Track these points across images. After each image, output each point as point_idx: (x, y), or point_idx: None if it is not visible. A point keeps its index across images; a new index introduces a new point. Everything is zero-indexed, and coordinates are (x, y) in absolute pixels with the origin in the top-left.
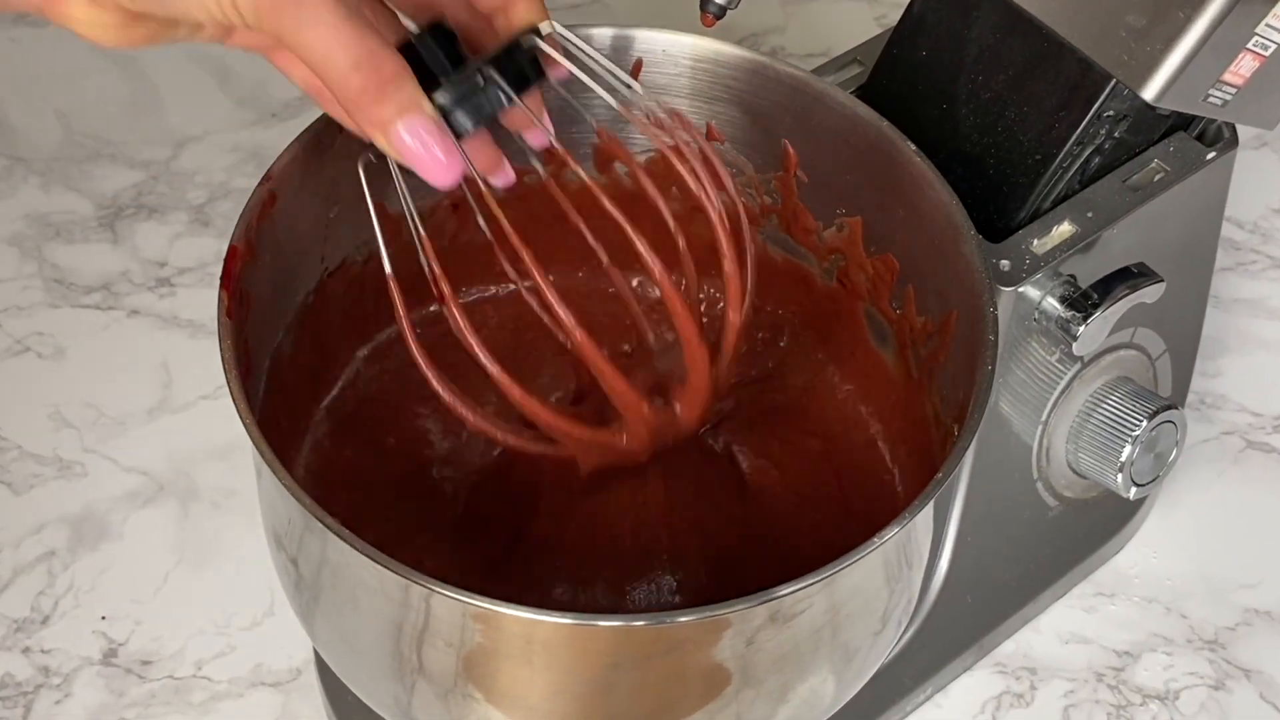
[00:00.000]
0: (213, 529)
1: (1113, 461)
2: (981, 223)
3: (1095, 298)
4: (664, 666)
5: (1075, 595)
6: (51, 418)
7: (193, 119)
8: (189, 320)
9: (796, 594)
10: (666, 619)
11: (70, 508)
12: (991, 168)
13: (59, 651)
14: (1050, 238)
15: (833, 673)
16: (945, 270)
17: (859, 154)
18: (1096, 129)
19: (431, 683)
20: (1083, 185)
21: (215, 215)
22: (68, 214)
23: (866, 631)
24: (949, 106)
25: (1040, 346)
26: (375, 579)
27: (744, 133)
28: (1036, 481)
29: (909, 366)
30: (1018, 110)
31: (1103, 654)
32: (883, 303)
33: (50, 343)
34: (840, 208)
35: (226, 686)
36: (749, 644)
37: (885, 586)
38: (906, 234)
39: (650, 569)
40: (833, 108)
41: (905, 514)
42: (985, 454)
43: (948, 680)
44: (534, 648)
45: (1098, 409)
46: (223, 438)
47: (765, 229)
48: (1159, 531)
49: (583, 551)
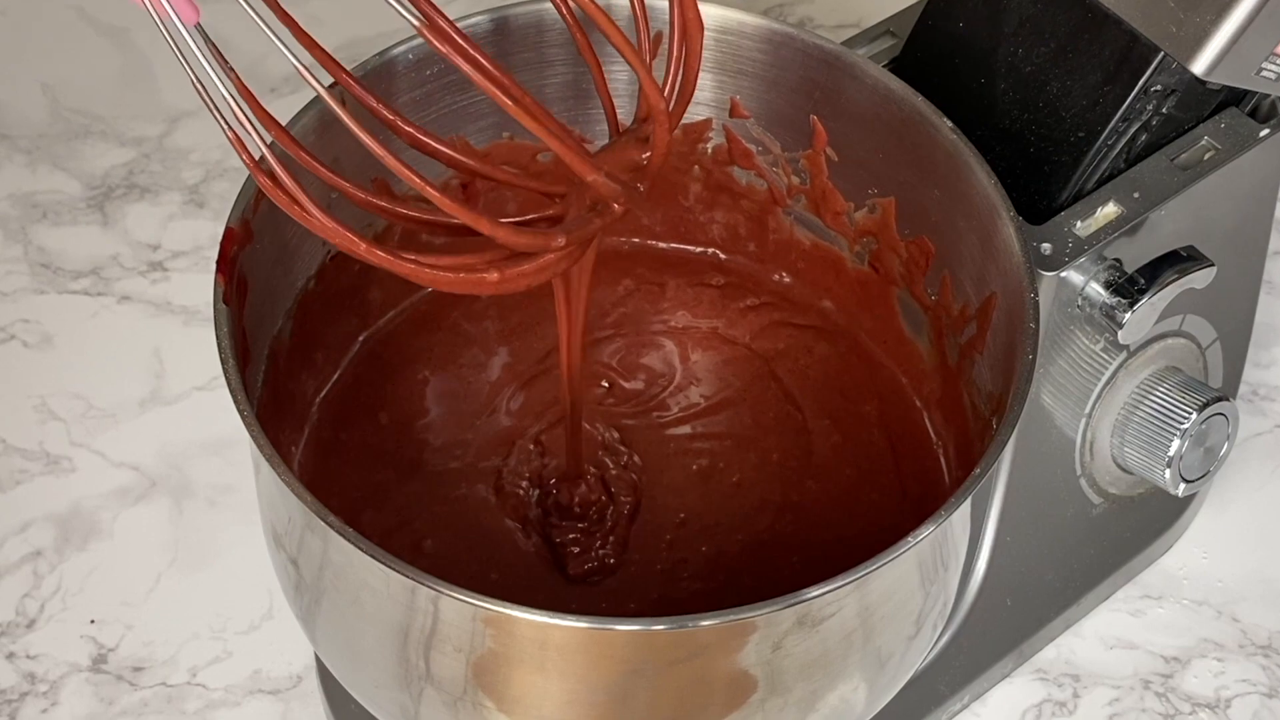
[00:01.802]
0: (208, 527)
1: (1160, 456)
2: (1021, 203)
3: (1142, 283)
4: (686, 673)
5: (1121, 598)
6: (37, 410)
7: (187, 93)
8: (183, 307)
9: (825, 596)
10: (689, 623)
11: (57, 505)
12: (1032, 145)
13: (45, 657)
14: (1094, 219)
15: (864, 680)
16: (983, 254)
17: (892, 131)
18: (1143, 104)
19: (440, 690)
20: (1128, 164)
21: (211, 195)
22: (55, 194)
23: (900, 636)
24: (987, 81)
25: (1084, 335)
26: (380, 580)
27: (770, 109)
28: (1080, 478)
29: (945, 356)
30: (1060, 84)
31: (1150, 660)
32: (917, 288)
33: (36, 330)
34: (872, 188)
35: (223, 694)
36: (775, 649)
37: (920, 588)
38: (942, 215)
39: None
40: (864, 82)
41: (941, 511)
42: (1025, 449)
43: (985, 688)
44: (548, 653)
45: (1144, 401)
46: (218, 431)
47: (793, 210)
48: (1209, 530)
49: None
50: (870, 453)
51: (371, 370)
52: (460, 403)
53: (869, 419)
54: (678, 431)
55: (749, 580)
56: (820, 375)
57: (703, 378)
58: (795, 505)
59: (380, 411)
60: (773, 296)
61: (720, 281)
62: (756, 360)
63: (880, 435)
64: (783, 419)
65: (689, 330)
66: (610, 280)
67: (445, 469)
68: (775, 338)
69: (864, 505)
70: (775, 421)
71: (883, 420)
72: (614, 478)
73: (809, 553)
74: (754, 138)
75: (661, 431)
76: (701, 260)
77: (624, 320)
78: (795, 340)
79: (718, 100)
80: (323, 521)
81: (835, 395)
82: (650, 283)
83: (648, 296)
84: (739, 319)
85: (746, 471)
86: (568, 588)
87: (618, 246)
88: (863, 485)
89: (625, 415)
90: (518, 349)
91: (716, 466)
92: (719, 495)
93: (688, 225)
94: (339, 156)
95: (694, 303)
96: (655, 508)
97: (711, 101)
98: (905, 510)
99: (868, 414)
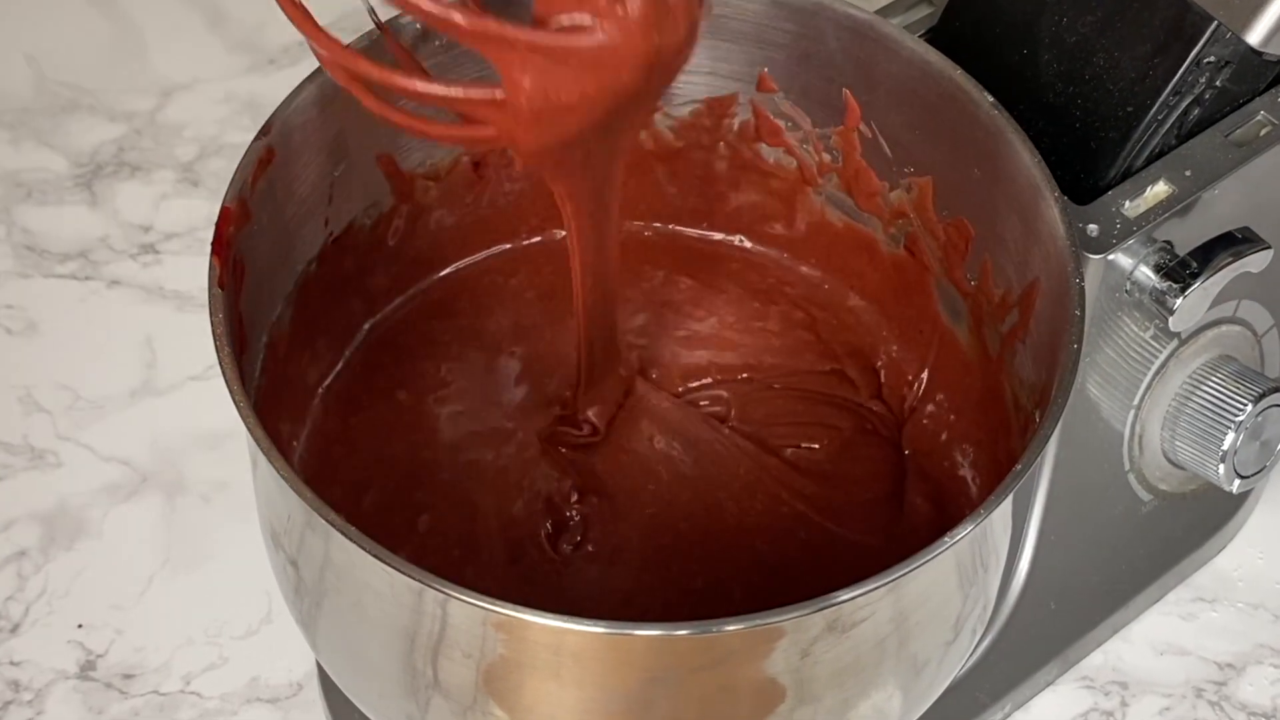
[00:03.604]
0: (203, 526)
1: (1214, 450)
2: (1066, 182)
3: (1194, 266)
4: (709, 681)
5: (1171, 600)
6: (22, 401)
7: (181, 65)
8: (176, 291)
9: (857, 600)
10: (712, 627)
11: (42, 502)
12: (1078, 120)
13: (30, 664)
14: (1144, 199)
15: (899, 688)
16: (1025, 236)
17: (929, 106)
18: (1195, 77)
19: (448, 699)
20: (1180, 140)
21: (206, 174)
22: (40, 172)
23: (937, 642)
24: (1030, 52)
25: (1132, 322)
26: (385, 582)
27: (799, 82)
28: (1128, 473)
29: (985, 345)
30: (1107, 56)
31: (1202, 666)
32: (955, 273)
33: (20, 317)
34: (908, 166)
35: (218, 703)
36: (805, 655)
37: (958, 591)
38: (982, 196)
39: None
40: (899, 54)
41: (980, 510)
42: (1070, 443)
43: (1028, 696)
44: (563, 659)
45: (1197, 392)
46: (214, 423)
47: (824, 190)
48: (1266, 529)
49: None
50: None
51: (377, 359)
52: (473, 392)
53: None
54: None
55: (775, 581)
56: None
57: (726, 366)
58: (825, 500)
59: (388, 404)
60: (801, 284)
61: (745, 267)
62: (783, 352)
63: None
64: (813, 410)
65: (713, 318)
66: (632, 267)
67: (455, 462)
68: (803, 326)
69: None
70: (806, 413)
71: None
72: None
73: (839, 552)
74: (783, 113)
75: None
76: (726, 244)
77: (645, 308)
78: (825, 327)
79: (744, 73)
80: (324, 520)
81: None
82: (673, 269)
83: (669, 282)
84: (764, 306)
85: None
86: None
87: (638, 232)
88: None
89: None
90: (533, 337)
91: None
92: (743, 486)
93: (712, 207)
94: (343, 129)
95: (718, 289)
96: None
97: (738, 74)
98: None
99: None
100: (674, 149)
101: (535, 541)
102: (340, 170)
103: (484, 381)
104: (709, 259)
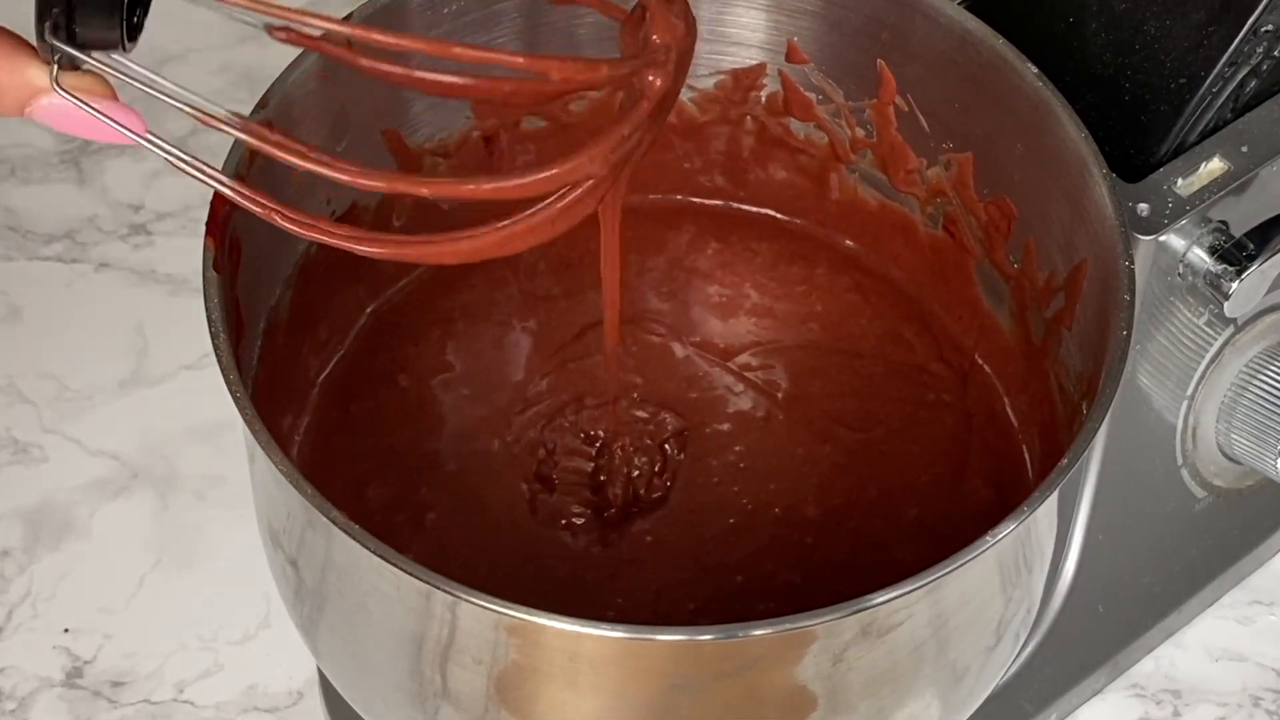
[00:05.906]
0: (196, 524)
1: (1272, 444)
2: (1115, 159)
3: (1251, 248)
4: (734, 688)
5: (1227, 604)
6: (4, 391)
7: (174, 34)
8: (169, 275)
9: (893, 602)
10: (738, 632)
11: (26, 499)
12: (1127, 93)
13: (13, 670)
14: (1197, 177)
15: (938, 696)
16: (1072, 216)
17: (969, 77)
18: (1252, 47)
19: (458, 708)
20: (1235, 114)
21: (200, 150)
22: (24, 148)
23: (978, 647)
24: (1076, 20)
25: (1185, 307)
26: (390, 584)
27: (832, 52)
28: (1181, 468)
29: (1029, 331)
30: (1158, 24)
31: (1260, 673)
32: (997, 255)
33: (3, 302)
34: (947, 142)
35: (213, 713)
36: (837, 662)
37: (1000, 593)
38: (1026, 173)
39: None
40: (937, 21)
41: (1024, 507)
42: (1120, 436)
43: (1075, 705)
44: (580, 666)
45: (1253, 381)
46: (208, 415)
47: (857, 167)
48: None
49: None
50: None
51: (381, 346)
52: (483, 379)
53: (942, 401)
54: (729, 409)
55: (800, 579)
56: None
57: (755, 349)
58: (859, 499)
59: (393, 394)
60: (834, 263)
61: (776, 247)
62: (814, 331)
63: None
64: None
65: (741, 297)
66: (655, 234)
67: (465, 452)
68: (836, 308)
69: (936, 498)
70: (836, 406)
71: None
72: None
73: (875, 554)
74: (814, 85)
75: (712, 406)
76: (757, 220)
77: (671, 284)
78: (859, 312)
79: (773, 43)
80: (325, 517)
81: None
82: (697, 248)
83: (696, 262)
84: (795, 285)
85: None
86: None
87: (664, 204)
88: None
89: (674, 389)
90: (545, 319)
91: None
92: (769, 481)
93: (736, 184)
94: (346, 103)
95: (746, 269)
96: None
97: (766, 44)
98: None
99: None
100: (697, 123)
101: (553, 538)
102: (343, 146)
103: (492, 361)
104: (739, 223)
